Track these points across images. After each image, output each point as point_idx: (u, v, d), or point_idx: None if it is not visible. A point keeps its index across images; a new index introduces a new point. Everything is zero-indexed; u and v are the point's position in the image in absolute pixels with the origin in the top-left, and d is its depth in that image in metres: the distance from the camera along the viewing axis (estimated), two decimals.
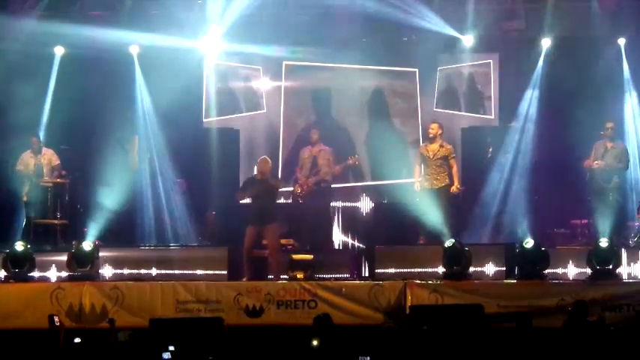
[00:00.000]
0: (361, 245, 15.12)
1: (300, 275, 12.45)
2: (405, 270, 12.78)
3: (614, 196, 14.14)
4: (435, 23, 15.57)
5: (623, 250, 12.91)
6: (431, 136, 14.13)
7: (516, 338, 10.08)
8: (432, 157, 14.07)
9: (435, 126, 14.22)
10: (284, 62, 16.32)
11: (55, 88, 15.51)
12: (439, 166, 14.04)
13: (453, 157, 14.11)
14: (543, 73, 15.76)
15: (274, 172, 16.04)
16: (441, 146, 14.09)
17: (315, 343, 8.98)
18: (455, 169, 14.07)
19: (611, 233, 13.33)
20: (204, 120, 16.04)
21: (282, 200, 15.78)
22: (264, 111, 16.40)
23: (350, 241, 15.48)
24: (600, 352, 9.48)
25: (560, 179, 15.06)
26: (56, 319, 10.38)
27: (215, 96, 16.14)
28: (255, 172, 13.58)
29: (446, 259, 12.62)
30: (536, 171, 15.38)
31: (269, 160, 13.50)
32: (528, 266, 12.57)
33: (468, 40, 15.91)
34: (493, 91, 16.35)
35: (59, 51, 15.54)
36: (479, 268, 12.86)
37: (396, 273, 12.80)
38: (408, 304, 11.75)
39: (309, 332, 9.78)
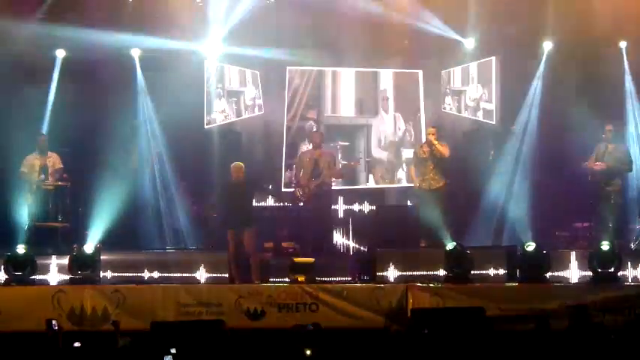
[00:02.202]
0: (362, 248, 15.12)
1: (301, 278, 12.44)
2: (407, 273, 12.79)
3: (616, 198, 14.12)
4: (436, 26, 15.59)
5: (624, 253, 12.90)
6: (435, 141, 14.11)
7: (518, 342, 10.06)
8: (428, 157, 14.10)
9: (434, 130, 14.25)
10: (286, 65, 16.33)
11: (56, 90, 15.50)
12: (435, 166, 14.06)
13: (445, 144, 14.12)
14: (545, 76, 15.77)
15: (278, 175, 16.12)
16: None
17: (308, 352, 8.92)
18: (444, 147, 14.04)
19: (613, 236, 13.33)
20: (205, 123, 16.03)
21: (284, 203, 15.84)
22: (263, 113, 16.41)
23: (351, 244, 15.48)
24: (601, 356, 9.46)
25: (562, 182, 15.05)
26: (54, 322, 10.36)
27: (216, 99, 16.14)
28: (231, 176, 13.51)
29: (447, 261, 12.62)
30: (538, 173, 15.37)
31: (242, 165, 13.45)
32: (530, 269, 12.58)
33: (469, 42, 15.94)
34: (495, 93, 16.36)
35: (61, 54, 15.53)
36: (480, 271, 12.85)
37: (397, 276, 12.81)
38: (410, 307, 11.74)
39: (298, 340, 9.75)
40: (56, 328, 10.27)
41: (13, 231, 13.71)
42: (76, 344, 9.94)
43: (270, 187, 15.11)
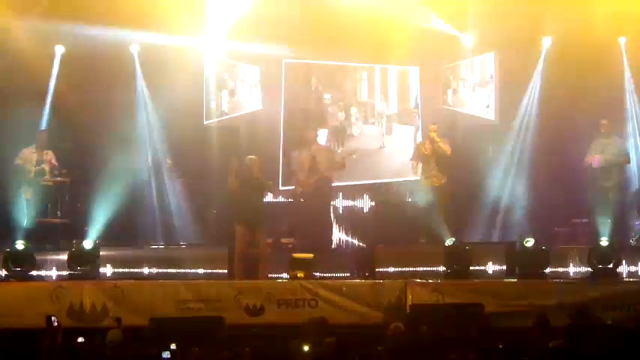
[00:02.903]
0: (362, 244, 15.12)
1: (300, 274, 12.45)
2: (406, 269, 12.80)
3: (615, 194, 14.14)
4: (435, 22, 15.59)
5: (623, 249, 12.91)
6: (437, 138, 14.15)
7: (517, 338, 10.06)
8: (430, 154, 14.13)
9: (434, 127, 14.27)
10: (284, 60, 16.33)
11: (55, 86, 15.48)
12: (437, 163, 14.11)
13: (446, 140, 14.15)
14: (543, 72, 15.76)
15: (275, 171, 16.11)
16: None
17: (306, 348, 8.91)
18: (447, 146, 14.09)
19: (612, 232, 13.35)
20: (204, 119, 16.02)
21: (282, 199, 15.84)
22: (262, 108, 16.41)
23: (350, 240, 15.48)
24: (600, 352, 9.45)
25: (561, 178, 15.06)
26: (54, 318, 10.35)
27: (215, 94, 16.13)
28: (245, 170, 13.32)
29: (446, 257, 12.64)
30: (537, 170, 15.38)
31: (256, 158, 13.36)
32: (529, 265, 12.60)
33: (468, 39, 15.94)
34: (493, 90, 16.36)
35: (60, 50, 15.52)
36: (479, 267, 12.88)
37: (396, 272, 12.82)
38: (409, 303, 11.76)
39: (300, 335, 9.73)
40: (56, 324, 10.27)
41: (13, 227, 13.71)
42: (80, 339, 9.92)
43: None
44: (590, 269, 12.62)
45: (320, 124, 16.17)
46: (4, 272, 12.61)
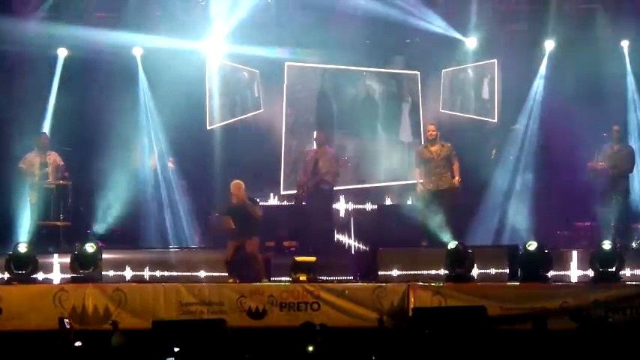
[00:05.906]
0: (364, 247, 15.12)
1: (302, 277, 12.44)
2: (408, 272, 12.79)
3: (618, 198, 14.13)
4: (438, 25, 15.61)
5: (626, 252, 12.90)
6: (431, 138, 14.18)
7: (519, 341, 10.07)
8: (435, 157, 14.10)
9: (433, 127, 14.28)
10: (286, 63, 16.35)
11: (58, 89, 15.50)
12: (443, 166, 14.09)
13: (455, 155, 14.16)
14: (546, 75, 15.76)
15: (277, 174, 16.14)
16: (442, 146, 14.16)
17: (310, 349, 8.92)
18: (456, 165, 14.12)
19: (615, 235, 13.34)
20: (207, 122, 16.03)
21: (285, 202, 15.85)
22: (263, 111, 16.42)
23: (353, 243, 15.48)
24: (604, 354, 9.46)
25: (564, 181, 15.05)
26: (66, 321, 10.38)
27: (218, 97, 16.15)
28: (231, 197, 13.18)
29: (449, 261, 12.61)
30: (540, 173, 15.37)
31: (242, 183, 13.22)
32: (531, 268, 12.56)
33: (471, 42, 15.95)
34: (496, 93, 16.37)
35: (62, 53, 15.54)
36: (482, 270, 12.85)
37: (399, 275, 12.82)
38: (411, 306, 11.74)
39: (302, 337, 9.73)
40: (68, 326, 10.30)
41: (15, 230, 13.73)
42: (77, 343, 9.94)
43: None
44: (592, 272, 12.59)
45: (321, 127, 16.18)
46: (6, 275, 12.60)
